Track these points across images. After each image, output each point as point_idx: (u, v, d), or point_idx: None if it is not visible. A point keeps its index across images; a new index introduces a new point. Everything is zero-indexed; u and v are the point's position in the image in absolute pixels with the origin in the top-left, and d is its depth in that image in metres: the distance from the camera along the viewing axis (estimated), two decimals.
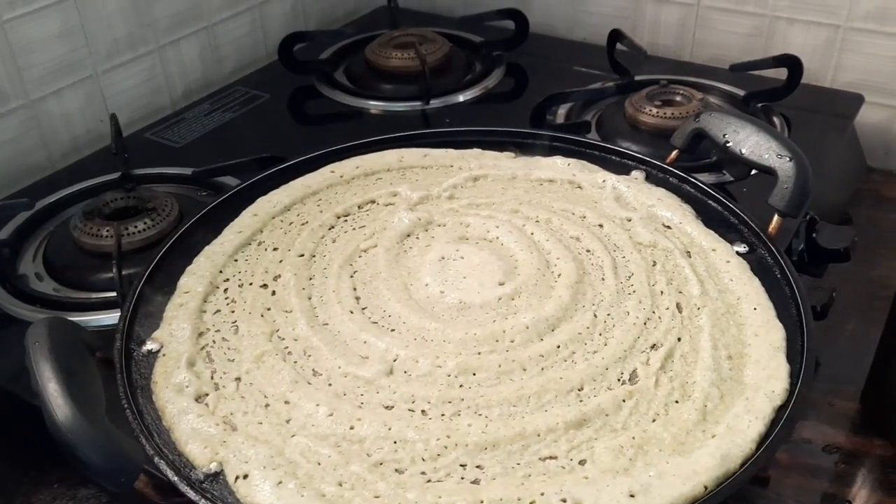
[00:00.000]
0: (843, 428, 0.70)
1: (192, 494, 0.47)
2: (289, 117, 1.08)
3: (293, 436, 0.51)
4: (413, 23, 1.22)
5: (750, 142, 0.67)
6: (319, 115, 1.08)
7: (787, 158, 0.64)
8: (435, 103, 1.04)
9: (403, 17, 1.25)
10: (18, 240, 0.81)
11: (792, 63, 0.94)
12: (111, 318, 0.69)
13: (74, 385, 0.46)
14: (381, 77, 1.10)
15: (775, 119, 0.96)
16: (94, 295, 0.74)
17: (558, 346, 0.57)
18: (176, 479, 0.48)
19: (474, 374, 0.55)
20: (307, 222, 0.71)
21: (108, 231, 0.77)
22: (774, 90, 0.96)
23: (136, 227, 0.77)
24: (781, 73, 0.96)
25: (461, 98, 1.06)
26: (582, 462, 0.49)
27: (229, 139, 1.01)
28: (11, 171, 0.93)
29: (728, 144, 0.69)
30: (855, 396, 0.72)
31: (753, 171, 0.85)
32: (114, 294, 0.72)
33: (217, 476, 0.49)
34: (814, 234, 0.77)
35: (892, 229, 0.94)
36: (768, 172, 0.66)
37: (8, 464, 0.69)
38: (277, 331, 0.59)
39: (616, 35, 1.04)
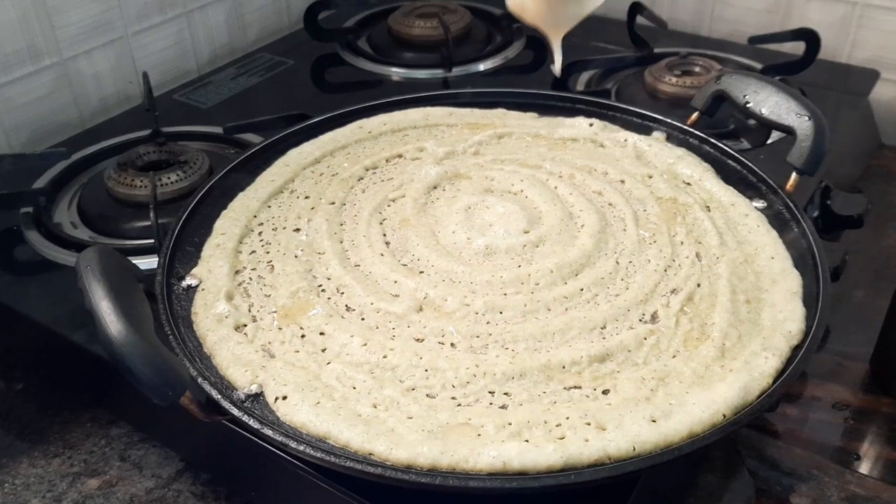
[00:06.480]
0: (852, 387, 0.72)
1: (235, 412, 0.49)
2: (312, 83, 1.10)
3: (329, 363, 0.53)
4: None
5: (770, 102, 0.69)
6: (342, 81, 1.09)
7: (806, 117, 0.66)
8: (456, 72, 1.06)
9: None
10: (54, 189, 0.83)
11: (809, 37, 0.96)
12: (144, 263, 0.70)
13: (124, 305, 0.48)
14: (403, 45, 1.12)
15: None
16: (128, 242, 0.76)
17: (581, 289, 0.59)
18: (219, 397, 0.50)
19: (501, 313, 0.57)
20: (337, 174, 0.73)
21: (141, 182, 0.79)
22: (791, 64, 0.98)
23: (168, 178, 0.79)
24: (798, 49, 0.98)
25: (481, 67, 1.08)
26: (605, 392, 0.51)
27: (255, 102, 1.03)
28: (44, 128, 0.95)
29: (748, 105, 0.71)
30: (864, 359, 0.74)
31: (770, 140, 0.87)
32: (146, 241, 0.74)
33: (257, 397, 0.51)
34: (828, 202, 0.78)
35: None
36: (787, 132, 0.68)
37: (42, 402, 0.71)
38: (311, 270, 0.62)
39: (636, 7, 1.06)
